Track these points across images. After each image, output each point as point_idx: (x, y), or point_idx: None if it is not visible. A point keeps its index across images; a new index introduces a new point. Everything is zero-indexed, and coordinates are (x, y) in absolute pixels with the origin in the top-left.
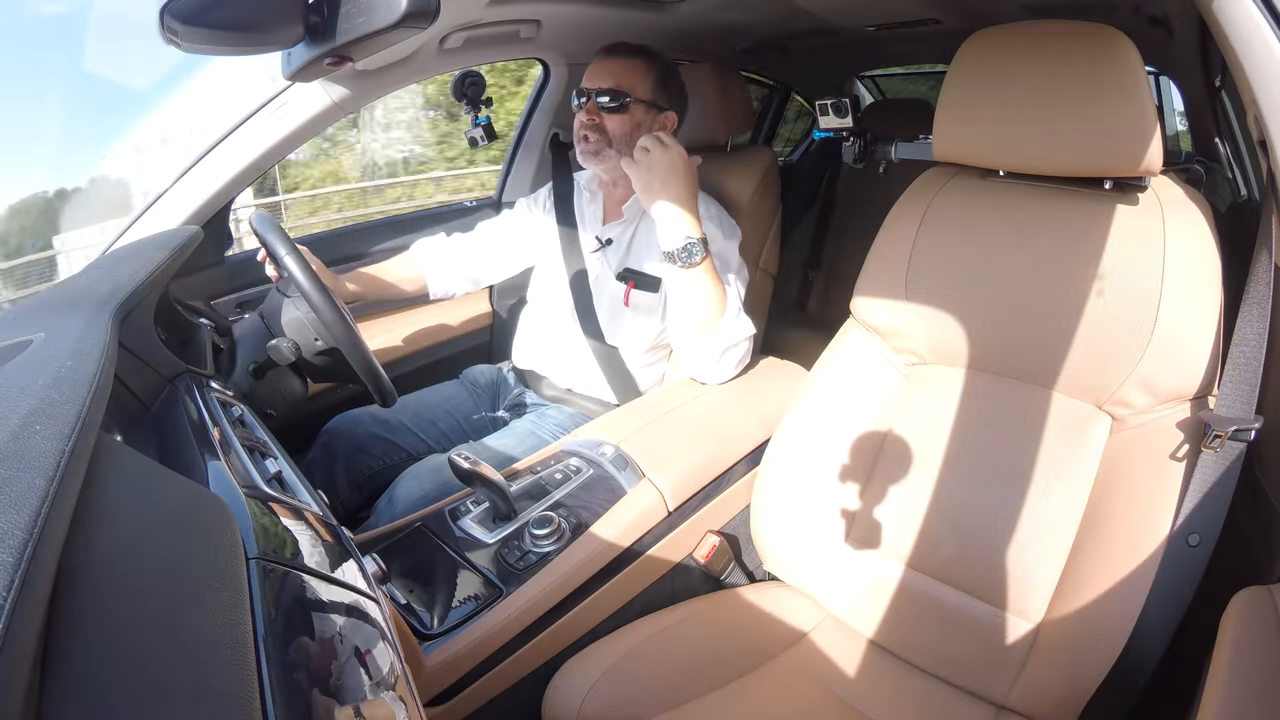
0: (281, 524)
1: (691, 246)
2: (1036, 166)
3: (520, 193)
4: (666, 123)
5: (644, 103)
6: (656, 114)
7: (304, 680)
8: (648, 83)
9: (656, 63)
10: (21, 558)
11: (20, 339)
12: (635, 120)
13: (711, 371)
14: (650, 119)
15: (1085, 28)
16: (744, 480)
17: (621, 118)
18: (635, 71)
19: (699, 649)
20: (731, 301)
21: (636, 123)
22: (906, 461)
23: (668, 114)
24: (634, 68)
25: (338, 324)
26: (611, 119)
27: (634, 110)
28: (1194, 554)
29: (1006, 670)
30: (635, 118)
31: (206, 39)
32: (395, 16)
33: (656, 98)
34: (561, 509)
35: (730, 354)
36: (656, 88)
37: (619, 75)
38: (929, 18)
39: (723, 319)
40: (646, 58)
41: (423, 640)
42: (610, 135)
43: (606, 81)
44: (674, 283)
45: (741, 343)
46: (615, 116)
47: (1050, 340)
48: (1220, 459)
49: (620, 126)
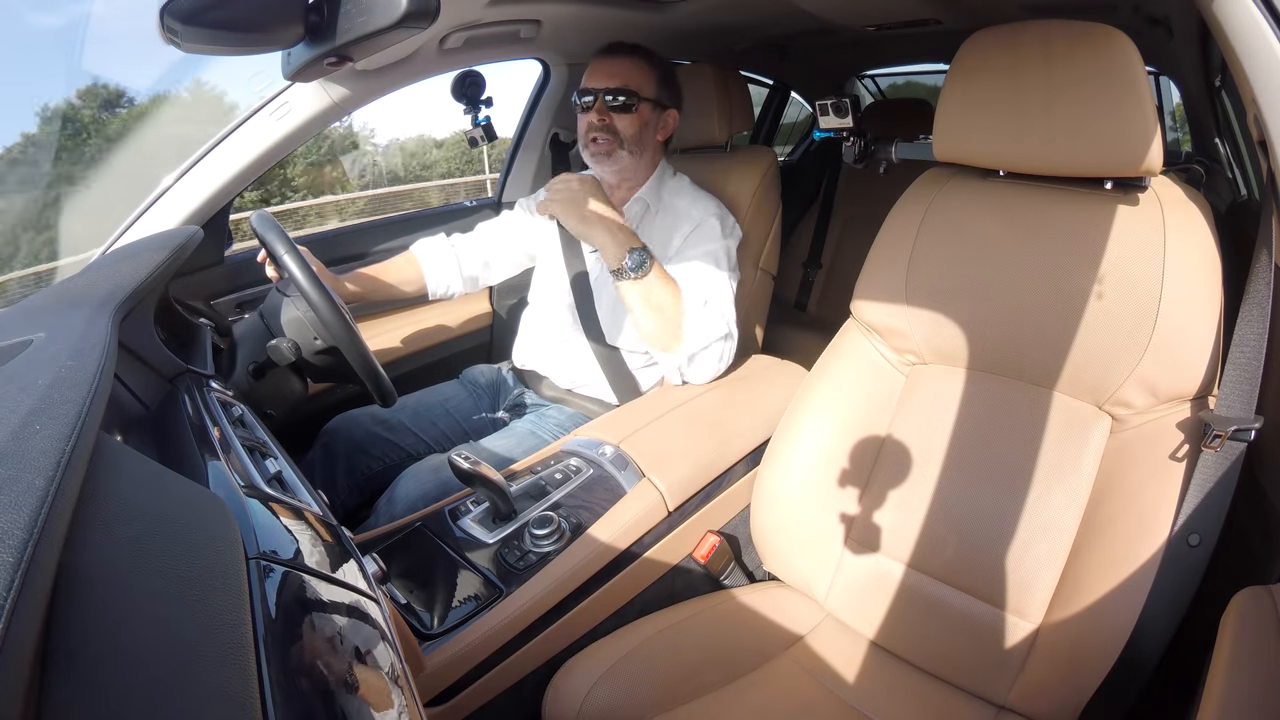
0: (281, 524)
1: (640, 255)
2: (1037, 166)
3: (520, 193)
4: (670, 120)
5: (650, 101)
6: (661, 112)
7: (304, 680)
8: (652, 81)
9: (657, 62)
10: (21, 558)
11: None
12: (644, 119)
13: (688, 373)
14: (656, 117)
15: (1085, 28)
16: (744, 480)
17: (631, 117)
18: (640, 70)
19: (699, 649)
20: (696, 295)
21: (645, 121)
22: (906, 461)
23: (670, 111)
24: (638, 67)
25: (337, 324)
26: (622, 119)
27: (642, 109)
28: (1194, 554)
29: (1006, 670)
30: (644, 116)
31: (206, 39)
32: (395, 16)
33: (660, 96)
34: (561, 509)
35: (703, 356)
36: (660, 86)
37: (626, 74)
38: (929, 18)
39: (685, 316)
40: (648, 57)
41: (423, 640)
42: (621, 135)
43: (614, 81)
44: (631, 295)
45: (713, 344)
46: (625, 116)
47: (1050, 340)
48: (1220, 459)
49: (631, 126)
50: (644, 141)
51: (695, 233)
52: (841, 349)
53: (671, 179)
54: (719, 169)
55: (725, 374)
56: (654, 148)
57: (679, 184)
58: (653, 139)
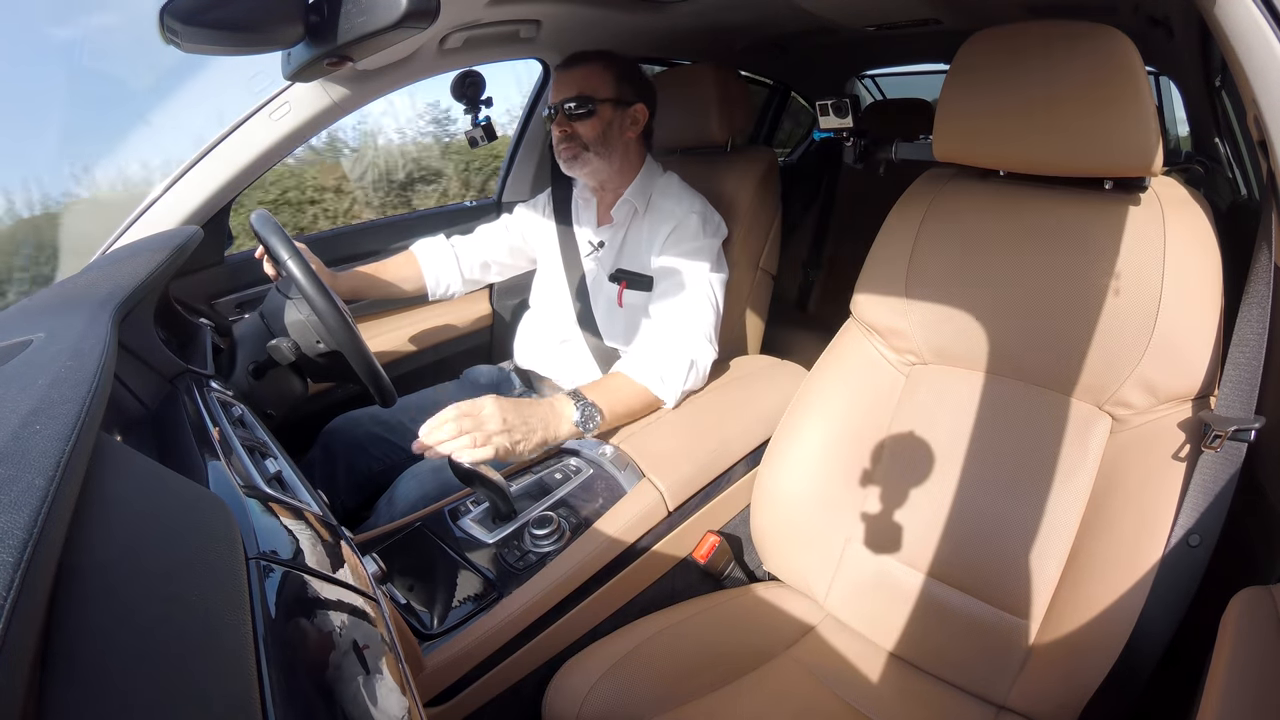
0: (281, 524)
1: (582, 409)
2: (1037, 167)
3: (520, 193)
4: (638, 114)
5: (609, 101)
6: (625, 109)
7: (304, 680)
8: (608, 82)
9: (614, 61)
10: (21, 558)
11: (20, 339)
12: (605, 119)
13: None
14: (620, 115)
15: (1085, 28)
16: (744, 480)
17: (591, 121)
18: (594, 75)
19: (699, 649)
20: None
21: (607, 121)
22: (906, 461)
23: (636, 106)
24: (592, 72)
25: (338, 324)
26: (582, 124)
27: (601, 110)
28: (1194, 554)
29: (1007, 670)
30: (604, 117)
31: (206, 39)
32: (395, 16)
33: (620, 94)
34: (561, 509)
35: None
36: (618, 85)
37: (579, 82)
38: (929, 18)
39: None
40: (603, 59)
41: (423, 640)
42: (584, 139)
43: (570, 91)
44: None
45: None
46: (585, 121)
47: (1050, 340)
48: (1220, 459)
49: (591, 129)
50: (609, 141)
51: (675, 232)
52: (841, 349)
53: (660, 178)
54: (719, 169)
55: (725, 374)
56: (624, 146)
57: (667, 183)
58: (620, 137)
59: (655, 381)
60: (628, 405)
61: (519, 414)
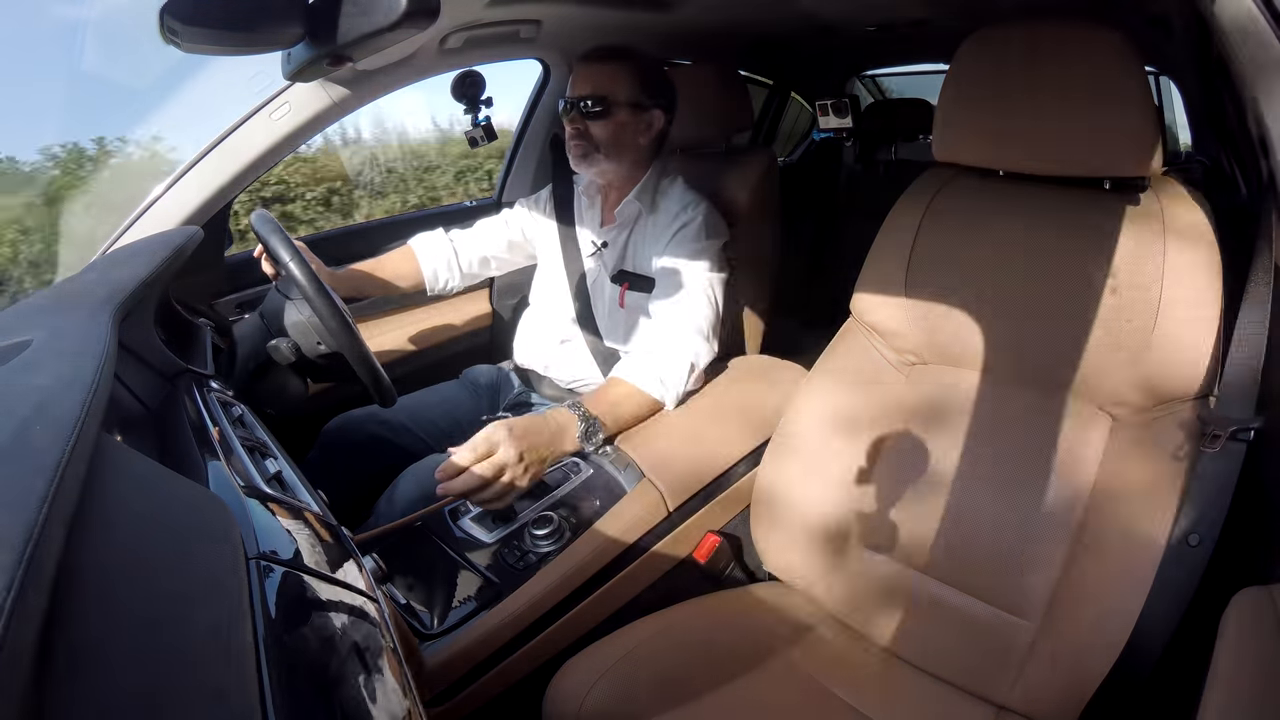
0: (281, 524)
1: (584, 425)
2: (1036, 167)
3: (520, 193)
4: (654, 120)
5: (626, 104)
6: (641, 113)
7: (304, 680)
8: (628, 84)
9: (637, 63)
10: (21, 558)
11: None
12: (619, 122)
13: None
14: (635, 119)
15: (1085, 28)
16: (744, 480)
17: (605, 122)
18: (615, 75)
19: (699, 649)
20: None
21: (621, 124)
22: (906, 461)
23: (652, 112)
24: (613, 71)
25: (338, 324)
26: (595, 124)
27: (617, 113)
28: (1194, 554)
29: (1007, 670)
30: (619, 119)
31: (206, 39)
32: (395, 16)
33: (639, 98)
34: (561, 509)
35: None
36: (638, 88)
37: (598, 80)
38: (929, 18)
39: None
40: (626, 59)
41: (423, 640)
42: (596, 140)
43: (587, 88)
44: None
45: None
46: (599, 122)
47: (1050, 340)
48: (1220, 459)
49: (604, 131)
50: (621, 145)
51: (677, 235)
52: (841, 349)
53: (666, 181)
54: (719, 169)
55: (725, 374)
56: (636, 150)
57: (672, 186)
58: (633, 142)
59: (655, 385)
60: (630, 414)
61: (528, 441)
